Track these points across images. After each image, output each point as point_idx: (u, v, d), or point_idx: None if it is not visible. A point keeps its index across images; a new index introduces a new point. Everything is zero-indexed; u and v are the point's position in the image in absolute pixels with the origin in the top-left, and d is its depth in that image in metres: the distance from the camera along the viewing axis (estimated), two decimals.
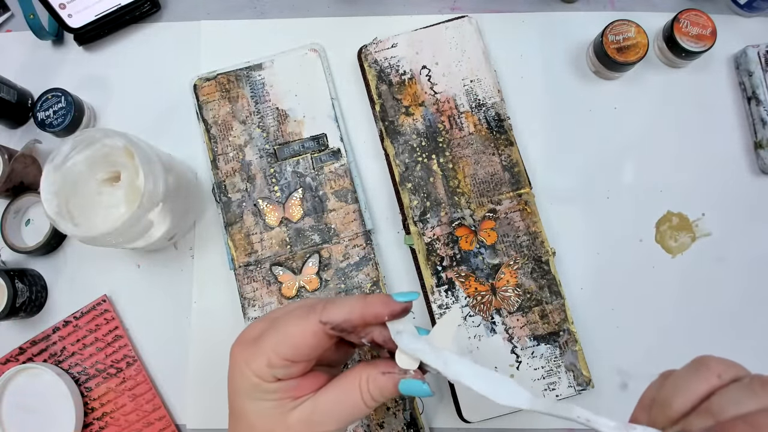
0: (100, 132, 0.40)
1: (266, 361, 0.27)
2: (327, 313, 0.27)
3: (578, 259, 0.47)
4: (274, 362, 0.27)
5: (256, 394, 0.28)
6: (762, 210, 0.48)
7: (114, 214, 0.42)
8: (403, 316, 0.28)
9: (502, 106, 0.47)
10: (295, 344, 0.27)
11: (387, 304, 0.27)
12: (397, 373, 0.27)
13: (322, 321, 0.27)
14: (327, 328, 0.27)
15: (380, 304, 0.27)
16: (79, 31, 0.52)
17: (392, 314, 0.27)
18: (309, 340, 0.27)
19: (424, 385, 0.27)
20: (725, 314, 0.46)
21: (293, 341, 0.27)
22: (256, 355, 0.27)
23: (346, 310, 0.27)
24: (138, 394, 0.47)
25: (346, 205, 0.47)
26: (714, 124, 0.49)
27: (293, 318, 0.28)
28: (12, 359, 0.48)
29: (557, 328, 0.44)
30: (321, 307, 0.28)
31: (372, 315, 0.27)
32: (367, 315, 0.27)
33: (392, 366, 0.28)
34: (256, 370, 0.27)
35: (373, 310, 0.27)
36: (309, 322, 0.27)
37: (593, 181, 0.49)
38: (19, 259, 0.50)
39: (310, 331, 0.27)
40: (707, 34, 0.47)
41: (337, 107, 0.49)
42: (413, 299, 0.28)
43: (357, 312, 0.27)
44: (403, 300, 0.27)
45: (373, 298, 0.28)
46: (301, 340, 0.27)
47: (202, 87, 0.49)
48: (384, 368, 0.28)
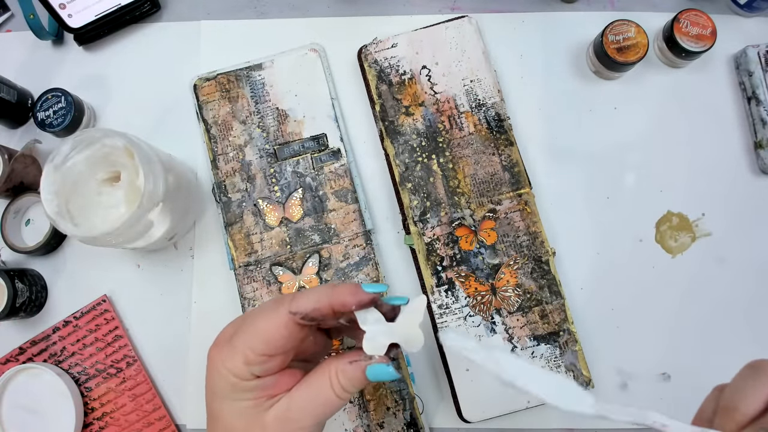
0: (100, 132, 0.40)
1: (243, 358, 0.27)
2: (296, 303, 0.27)
3: (578, 259, 0.47)
4: (251, 359, 0.27)
5: (233, 394, 0.28)
6: (762, 210, 0.48)
7: (114, 214, 0.42)
8: (369, 306, 0.28)
9: (502, 106, 0.47)
10: (268, 338, 0.27)
11: (354, 294, 0.27)
12: (362, 359, 0.28)
13: (291, 311, 0.27)
14: (297, 318, 0.27)
15: (348, 294, 0.27)
16: (79, 31, 0.52)
17: (359, 304, 0.27)
18: (281, 331, 0.27)
19: (389, 368, 0.27)
20: (725, 314, 0.46)
21: (266, 335, 0.27)
22: (232, 354, 0.28)
23: (314, 299, 0.27)
24: (138, 394, 0.47)
25: (346, 205, 0.47)
26: (714, 124, 0.49)
27: (264, 312, 0.28)
28: (12, 359, 0.48)
29: (557, 328, 0.44)
30: (290, 299, 0.28)
31: (339, 303, 0.27)
32: (335, 303, 0.27)
33: (359, 354, 0.28)
34: (233, 369, 0.27)
35: (340, 298, 0.27)
36: (279, 314, 0.27)
37: (593, 181, 0.49)
38: (19, 259, 0.50)
39: (282, 323, 0.27)
40: (707, 34, 0.47)
41: (337, 107, 0.49)
42: (382, 290, 0.28)
43: (325, 301, 0.27)
44: (371, 291, 0.28)
45: (341, 288, 0.28)
46: (273, 332, 0.27)
47: (202, 87, 0.49)
48: (351, 357, 0.28)
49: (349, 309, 0.28)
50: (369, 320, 0.28)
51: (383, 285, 0.29)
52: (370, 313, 0.28)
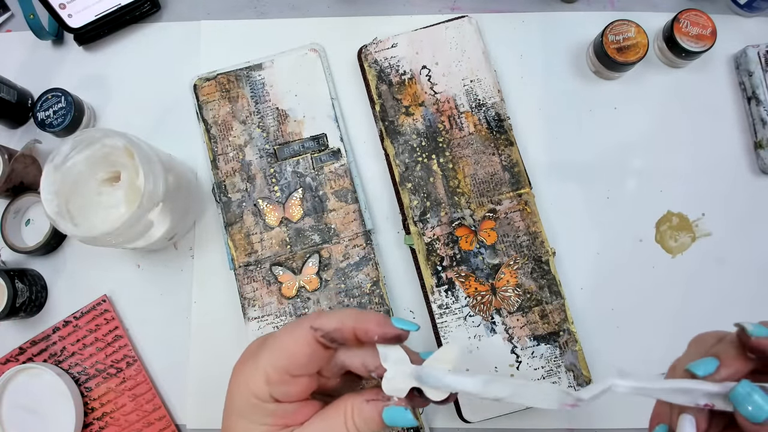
0: (100, 132, 0.40)
1: (264, 377, 0.26)
2: (319, 321, 0.27)
3: (578, 259, 0.47)
4: (272, 377, 0.26)
5: (251, 415, 0.27)
6: (762, 210, 0.48)
7: (114, 214, 0.42)
8: (395, 343, 0.26)
9: (502, 106, 0.47)
10: (289, 354, 0.26)
11: (381, 325, 0.26)
12: (381, 399, 0.26)
13: (314, 327, 0.26)
14: (318, 335, 0.26)
15: (374, 322, 0.26)
16: (79, 31, 0.52)
17: (383, 337, 0.26)
18: (303, 348, 0.26)
19: (408, 413, 0.26)
20: (725, 314, 0.46)
21: (287, 351, 0.26)
22: (254, 371, 0.27)
23: (338, 319, 0.26)
24: (138, 394, 0.47)
25: (346, 205, 0.47)
26: (714, 124, 0.49)
27: (287, 328, 0.28)
28: (12, 359, 0.48)
29: (557, 328, 0.44)
30: (315, 316, 0.27)
31: (363, 330, 0.26)
32: (359, 329, 0.26)
33: (378, 393, 0.26)
34: (254, 387, 0.27)
35: (365, 325, 0.26)
36: (301, 329, 0.27)
37: (593, 181, 0.49)
38: (19, 259, 0.50)
39: (303, 339, 0.26)
40: (707, 34, 0.47)
41: (337, 107, 0.49)
42: (412, 330, 0.26)
43: (349, 323, 0.26)
44: (399, 326, 0.26)
45: (368, 315, 0.27)
46: (294, 348, 0.26)
47: (202, 87, 0.49)
48: (369, 396, 0.26)
49: (372, 339, 0.26)
50: (391, 357, 0.26)
51: (415, 324, 0.27)
52: (394, 351, 0.26)
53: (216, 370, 0.47)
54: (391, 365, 0.26)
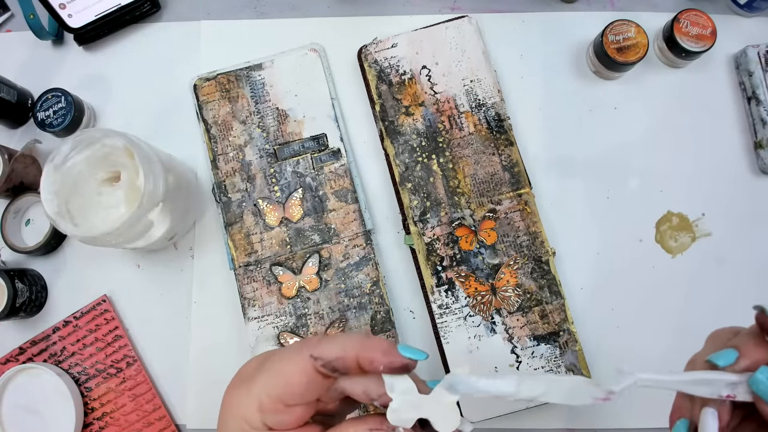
0: (100, 132, 0.40)
1: (257, 404, 0.25)
2: (320, 349, 0.25)
3: (578, 259, 0.47)
4: (266, 406, 0.25)
5: None
6: (762, 210, 0.48)
7: (114, 214, 0.42)
8: (402, 374, 0.25)
9: (502, 106, 0.47)
10: (285, 383, 0.24)
11: (387, 354, 0.24)
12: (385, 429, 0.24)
13: (313, 355, 0.24)
14: (318, 364, 0.24)
15: (379, 351, 0.24)
16: (79, 31, 0.52)
17: (390, 367, 0.24)
18: (299, 377, 0.24)
19: None
20: (725, 314, 0.46)
21: (282, 379, 0.25)
22: (247, 398, 0.25)
23: (340, 347, 0.24)
24: (138, 394, 0.47)
25: (346, 205, 0.47)
26: (714, 124, 0.49)
27: (285, 353, 0.26)
28: (12, 359, 0.48)
29: (557, 328, 0.44)
30: (315, 342, 0.25)
31: (367, 360, 0.24)
32: (363, 358, 0.24)
33: (382, 422, 0.25)
34: (246, 415, 0.25)
35: (369, 354, 0.24)
36: (300, 357, 0.25)
37: (593, 181, 0.49)
38: (19, 259, 0.50)
39: (301, 368, 0.24)
40: (707, 34, 0.47)
41: (337, 107, 0.49)
42: (420, 359, 0.25)
43: (352, 352, 0.24)
44: (407, 355, 0.24)
45: (373, 342, 0.25)
46: (290, 377, 0.24)
47: (202, 87, 0.49)
48: (373, 425, 0.24)
49: (377, 369, 0.24)
50: (398, 388, 0.25)
51: (423, 352, 0.25)
52: (401, 380, 0.25)
53: (216, 370, 0.47)
54: (397, 395, 0.25)
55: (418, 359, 0.25)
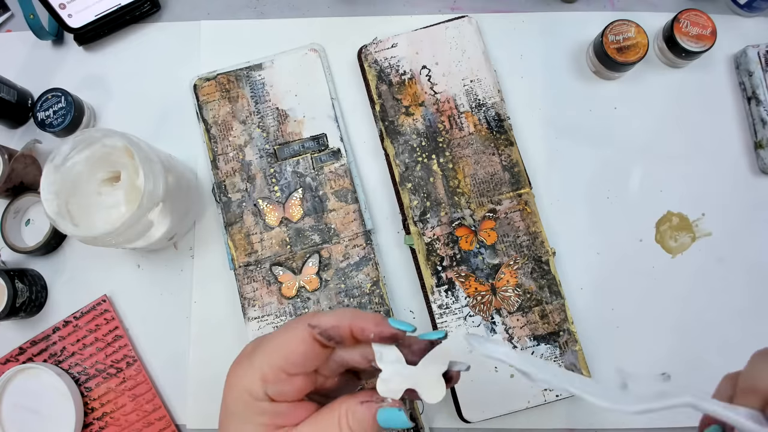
0: (100, 132, 0.40)
1: (260, 375, 0.26)
2: (316, 319, 0.27)
3: (578, 259, 0.47)
4: (268, 376, 0.26)
5: (244, 414, 0.27)
6: (762, 210, 0.48)
7: (114, 214, 0.42)
8: (390, 343, 0.27)
9: (502, 106, 0.47)
10: (286, 352, 0.26)
11: (377, 324, 0.26)
12: (374, 401, 0.26)
13: (311, 324, 0.27)
14: (315, 332, 0.27)
15: (371, 321, 0.27)
16: (79, 31, 0.52)
17: (379, 335, 0.26)
18: (299, 346, 0.26)
19: (402, 413, 0.26)
20: (725, 314, 0.46)
21: (284, 349, 0.27)
22: (249, 369, 0.27)
23: (336, 318, 0.27)
24: (138, 394, 0.47)
25: (346, 205, 0.47)
26: (714, 124, 0.49)
27: (283, 327, 0.28)
28: (12, 359, 0.48)
29: (557, 328, 0.44)
30: (312, 314, 0.28)
31: (359, 328, 0.26)
32: (355, 327, 0.27)
33: (372, 395, 0.26)
34: (249, 385, 0.27)
35: (361, 323, 0.26)
36: (298, 328, 0.27)
37: (593, 181, 0.49)
38: (19, 259, 0.50)
39: (300, 337, 0.27)
40: (707, 34, 0.47)
41: (337, 107, 0.49)
42: (407, 330, 0.27)
43: (345, 321, 0.27)
44: (395, 326, 0.27)
45: (365, 314, 0.27)
46: (291, 346, 0.27)
47: (202, 87, 0.49)
48: (363, 398, 0.26)
49: (368, 337, 0.26)
50: (387, 358, 0.26)
51: (411, 325, 0.27)
52: (389, 351, 0.26)
53: (216, 370, 0.47)
54: (387, 365, 0.26)
55: (406, 330, 0.27)
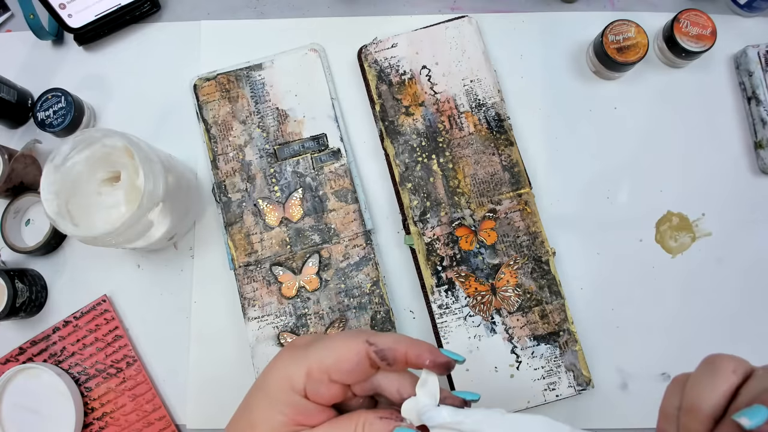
0: (100, 132, 0.40)
1: (306, 369, 0.27)
2: (375, 336, 0.28)
3: (578, 259, 0.47)
4: (313, 372, 0.27)
5: (276, 399, 0.28)
6: (762, 210, 0.48)
7: (114, 214, 0.42)
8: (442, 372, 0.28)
9: (502, 106, 0.47)
10: (339, 358, 0.27)
11: (431, 351, 0.28)
12: (394, 419, 0.27)
13: (369, 341, 0.28)
14: (371, 349, 0.27)
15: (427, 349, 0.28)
16: (79, 31, 0.52)
17: (434, 362, 0.27)
18: (353, 357, 0.27)
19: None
20: (725, 314, 0.46)
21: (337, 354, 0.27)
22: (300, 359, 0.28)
23: (394, 339, 0.28)
24: (138, 394, 0.47)
25: (346, 205, 0.47)
26: (714, 124, 0.49)
27: (343, 334, 0.29)
28: (12, 359, 0.48)
29: (557, 328, 0.44)
30: (372, 332, 0.29)
31: (415, 354, 0.27)
32: (411, 352, 0.27)
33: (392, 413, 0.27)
34: (293, 375, 0.28)
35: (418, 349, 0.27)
36: (357, 340, 0.28)
37: (593, 181, 0.49)
38: (19, 259, 0.50)
39: (356, 349, 0.27)
40: (707, 34, 0.47)
41: (337, 107, 0.49)
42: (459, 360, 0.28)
43: (404, 345, 0.28)
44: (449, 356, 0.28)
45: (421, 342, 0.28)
46: (345, 354, 0.27)
47: (202, 87, 0.49)
48: (383, 414, 0.27)
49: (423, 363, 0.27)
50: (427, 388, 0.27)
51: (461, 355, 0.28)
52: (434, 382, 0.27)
53: (216, 370, 0.47)
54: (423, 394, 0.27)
55: (458, 361, 0.28)
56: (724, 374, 0.22)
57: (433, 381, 0.27)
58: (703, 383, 0.23)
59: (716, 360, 0.23)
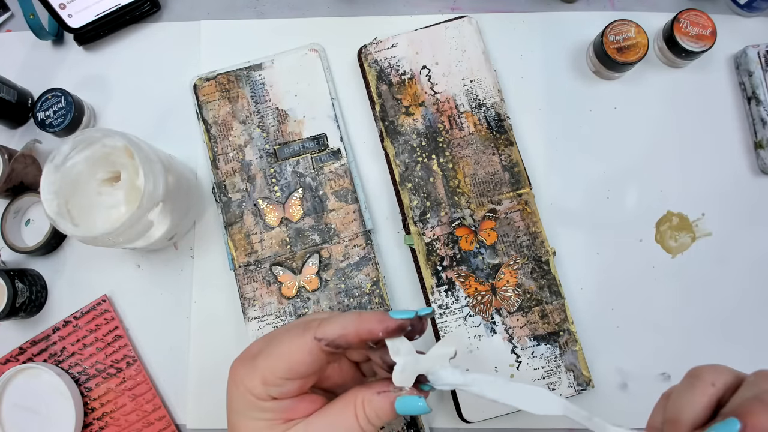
0: (100, 132, 0.40)
1: (261, 379, 0.27)
2: (322, 330, 0.27)
3: (578, 259, 0.47)
4: (269, 380, 0.27)
5: (250, 412, 0.27)
6: (762, 210, 0.48)
7: (114, 214, 0.42)
8: (398, 335, 0.27)
9: (502, 106, 0.47)
10: (291, 362, 0.27)
11: (382, 321, 0.27)
12: (392, 390, 0.27)
13: (317, 337, 0.27)
14: (322, 344, 0.27)
15: (375, 321, 0.27)
16: (79, 31, 0.52)
17: (386, 331, 0.27)
18: (304, 357, 0.27)
19: (421, 401, 0.26)
20: (725, 314, 0.46)
21: (289, 360, 0.27)
22: (251, 372, 0.27)
23: (341, 326, 0.27)
24: (138, 394, 0.47)
25: (346, 205, 0.47)
26: (714, 124, 0.49)
27: (289, 335, 0.28)
28: (12, 359, 0.48)
29: (557, 328, 0.44)
30: (316, 324, 0.27)
31: (366, 331, 0.27)
32: (362, 331, 0.27)
33: (388, 385, 0.27)
34: (251, 387, 0.27)
35: (367, 325, 0.27)
36: (304, 340, 0.27)
37: (593, 181, 0.49)
38: (19, 259, 0.50)
39: (306, 349, 0.27)
40: (707, 34, 0.47)
41: (337, 107, 0.49)
42: (409, 317, 0.27)
43: (352, 327, 0.27)
44: (398, 317, 0.27)
45: (368, 314, 0.27)
46: (296, 357, 0.27)
47: (202, 87, 0.49)
48: (379, 388, 0.27)
49: (377, 336, 0.27)
50: (402, 351, 0.27)
51: (410, 311, 0.28)
52: (403, 344, 0.27)
53: (216, 370, 0.47)
54: (401, 358, 0.27)
55: (409, 317, 0.27)
56: (702, 386, 0.22)
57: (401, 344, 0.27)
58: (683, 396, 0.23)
59: (697, 372, 0.23)
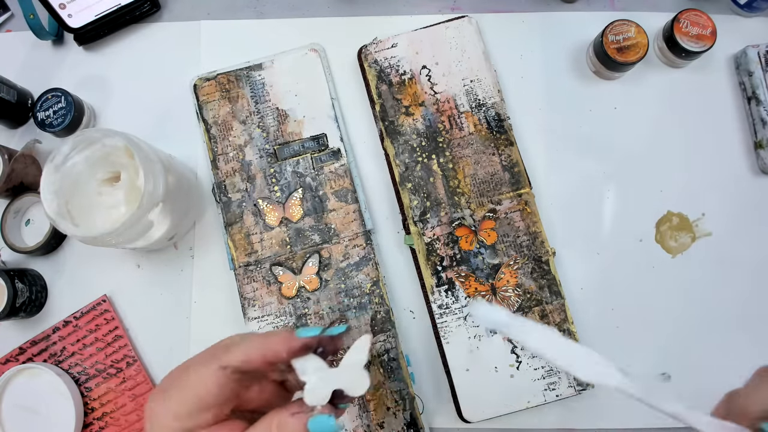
0: (100, 132, 0.40)
1: (173, 414, 0.26)
2: (226, 358, 0.26)
3: (578, 259, 0.47)
4: (181, 414, 0.26)
5: None
6: (762, 210, 0.48)
7: (114, 214, 0.42)
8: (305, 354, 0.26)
9: (502, 106, 0.47)
10: (199, 394, 0.26)
11: (285, 341, 0.26)
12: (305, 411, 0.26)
13: (222, 366, 0.26)
14: (228, 372, 0.26)
15: (279, 342, 0.26)
16: (79, 31, 0.52)
17: (291, 351, 0.26)
18: (212, 388, 0.26)
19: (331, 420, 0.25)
20: (725, 314, 0.46)
21: (196, 391, 0.26)
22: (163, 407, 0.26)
23: (243, 352, 0.26)
24: (138, 394, 0.47)
25: (346, 205, 0.47)
26: (714, 124, 0.49)
27: (196, 366, 0.27)
28: (12, 359, 0.48)
29: (557, 328, 0.44)
30: (222, 352, 0.27)
31: (272, 353, 0.26)
32: (267, 353, 0.26)
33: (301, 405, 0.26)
34: (165, 424, 0.26)
35: (272, 347, 0.26)
36: (210, 370, 0.26)
37: (593, 181, 0.49)
38: (19, 259, 0.50)
39: (213, 379, 0.26)
40: (707, 34, 0.47)
41: (337, 107, 0.49)
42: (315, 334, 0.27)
43: (256, 352, 0.26)
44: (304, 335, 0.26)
45: (272, 335, 0.27)
46: (204, 388, 0.26)
47: (202, 87, 0.49)
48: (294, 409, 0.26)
49: (282, 359, 0.26)
50: (309, 369, 0.26)
51: (317, 328, 0.27)
52: (310, 361, 0.27)
53: None
54: (310, 376, 0.26)
55: (314, 335, 0.27)
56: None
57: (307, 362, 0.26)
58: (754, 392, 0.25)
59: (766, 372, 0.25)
